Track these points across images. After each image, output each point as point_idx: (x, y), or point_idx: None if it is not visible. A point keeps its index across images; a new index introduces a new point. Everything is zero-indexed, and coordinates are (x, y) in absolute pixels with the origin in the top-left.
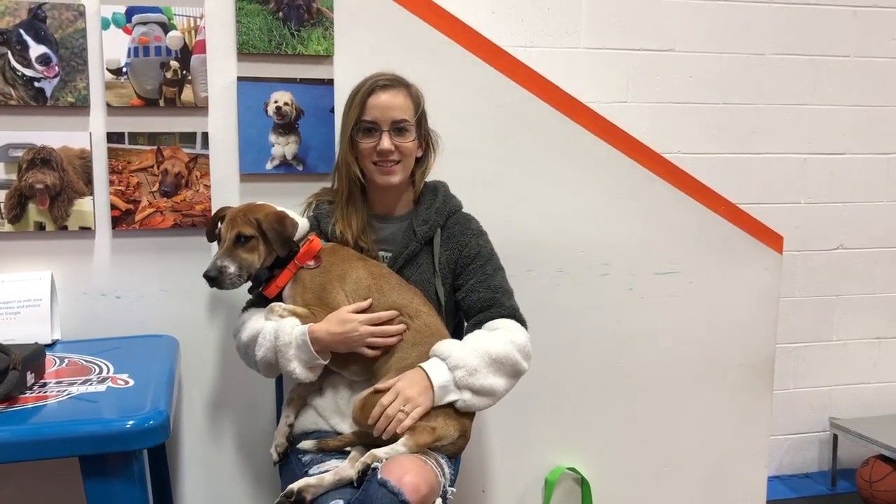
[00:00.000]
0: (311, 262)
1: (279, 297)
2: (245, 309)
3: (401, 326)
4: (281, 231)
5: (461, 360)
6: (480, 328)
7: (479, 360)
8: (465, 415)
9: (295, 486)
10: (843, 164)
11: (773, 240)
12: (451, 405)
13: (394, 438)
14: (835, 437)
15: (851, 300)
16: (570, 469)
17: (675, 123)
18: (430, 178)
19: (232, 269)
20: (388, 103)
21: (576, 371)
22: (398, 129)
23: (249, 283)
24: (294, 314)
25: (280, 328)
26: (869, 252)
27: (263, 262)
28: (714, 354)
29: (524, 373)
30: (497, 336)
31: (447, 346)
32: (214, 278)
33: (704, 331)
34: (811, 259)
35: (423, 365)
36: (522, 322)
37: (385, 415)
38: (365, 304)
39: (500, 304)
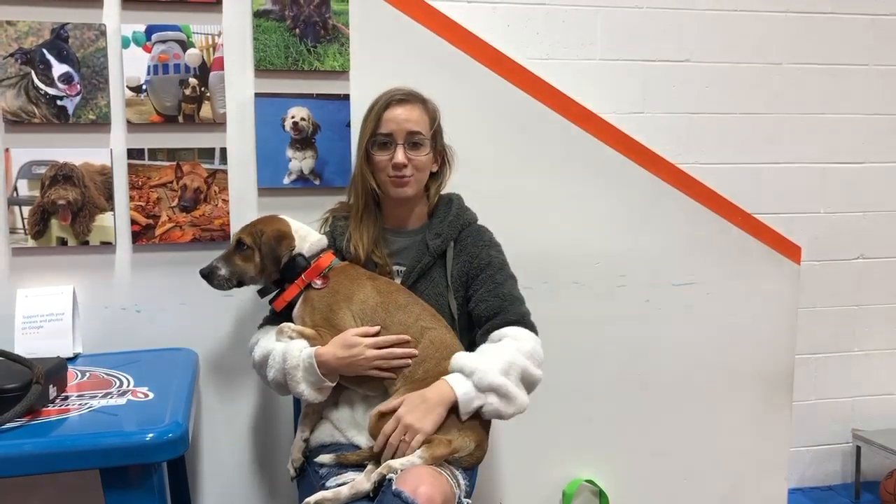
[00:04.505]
0: (319, 282)
1: (289, 310)
2: (261, 326)
3: (410, 351)
4: (274, 249)
5: (474, 366)
6: (488, 337)
7: (490, 365)
8: (481, 425)
9: (311, 499)
10: (862, 174)
11: (790, 250)
12: (469, 416)
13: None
14: (858, 449)
15: (873, 310)
16: (587, 481)
17: (691, 134)
18: (445, 190)
19: (223, 271)
20: (404, 117)
21: (593, 382)
22: (413, 143)
23: (270, 295)
24: (302, 336)
25: (288, 350)
26: (890, 262)
27: (261, 272)
28: (732, 366)
29: (537, 379)
30: (502, 346)
31: (458, 357)
32: (205, 276)
33: (722, 342)
34: (831, 269)
35: (445, 378)
36: (532, 328)
37: (389, 444)
38: (372, 329)
39: (506, 311)
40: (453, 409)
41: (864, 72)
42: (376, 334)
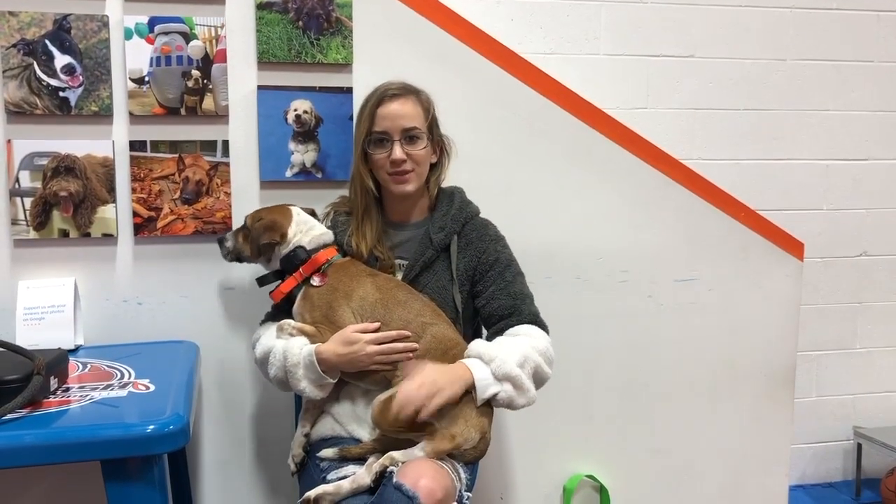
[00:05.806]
0: (317, 280)
1: (289, 304)
2: (262, 322)
3: (411, 345)
4: (259, 235)
5: (493, 354)
6: (501, 335)
7: (508, 355)
8: (484, 416)
9: (312, 493)
10: (866, 170)
11: (793, 247)
12: (471, 407)
13: (412, 442)
14: (859, 446)
15: (875, 308)
16: (588, 477)
17: (695, 130)
18: (447, 184)
19: (228, 243)
20: (398, 112)
21: (594, 378)
22: (409, 137)
23: (269, 286)
24: (302, 333)
25: (288, 348)
26: (893, 259)
27: (256, 255)
28: (734, 362)
29: (547, 377)
30: (518, 341)
31: (477, 344)
32: (218, 241)
33: (724, 338)
34: (834, 266)
35: (462, 361)
36: (543, 327)
37: (415, 396)
38: (372, 326)
39: (519, 311)
40: (466, 393)
41: (869, 68)
42: (376, 330)
